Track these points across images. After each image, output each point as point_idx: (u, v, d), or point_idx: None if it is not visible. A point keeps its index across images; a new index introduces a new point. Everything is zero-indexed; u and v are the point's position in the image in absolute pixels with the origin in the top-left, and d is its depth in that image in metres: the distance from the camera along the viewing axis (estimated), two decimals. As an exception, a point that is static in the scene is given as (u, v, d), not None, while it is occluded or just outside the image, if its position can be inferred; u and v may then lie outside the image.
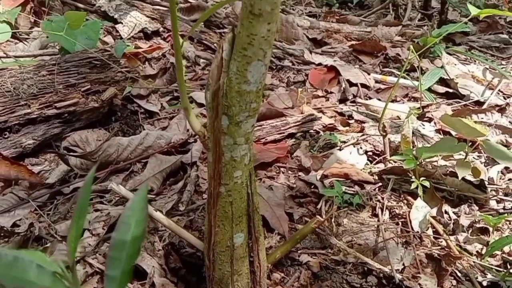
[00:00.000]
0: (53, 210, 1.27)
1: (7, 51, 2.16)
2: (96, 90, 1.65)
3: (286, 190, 1.26)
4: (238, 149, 0.82)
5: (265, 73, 0.76)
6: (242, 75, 0.73)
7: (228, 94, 0.76)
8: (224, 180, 0.85)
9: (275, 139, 1.57)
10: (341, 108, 1.85)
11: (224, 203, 0.87)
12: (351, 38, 2.89)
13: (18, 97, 1.49)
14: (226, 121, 0.78)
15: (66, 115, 1.57)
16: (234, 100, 0.76)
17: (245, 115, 0.78)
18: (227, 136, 0.80)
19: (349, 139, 1.47)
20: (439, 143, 1.17)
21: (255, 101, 0.77)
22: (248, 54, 0.71)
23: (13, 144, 1.48)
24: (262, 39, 0.70)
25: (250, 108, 0.77)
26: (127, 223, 0.53)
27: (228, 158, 0.83)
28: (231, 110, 0.77)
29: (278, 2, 0.68)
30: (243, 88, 0.75)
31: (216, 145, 0.82)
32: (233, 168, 0.84)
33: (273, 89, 2.12)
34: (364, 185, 1.27)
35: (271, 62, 2.39)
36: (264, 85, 0.79)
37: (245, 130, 0.80)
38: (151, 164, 1.41)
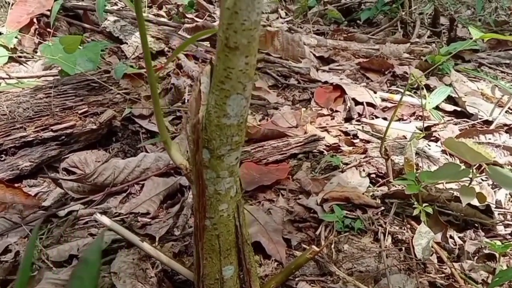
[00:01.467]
0: (46, 234, 1.24)
1: (10, 72, 2.17)
2: (94, 113, 1.63)
3: (285, 214, 1.22)
4: (222, 182, 0.78)
5: (246, 106, 0.72)
6: (221, 108, 0.70)
7: (208, 127, 0.72)
8: (209, 213, 0.81)
9: (276, 160, 1.54)
10: (346, 127, 1.81)
11: (210, 236, 0.83)
12: (358, 56, 2.86)
13: (14, 120, 1.48)
14: (207, 154, 0.75)
15: (64, 137, 1.55)
16: (214, 134, 0.73)
17: (227, 149, 0.74)
18: (209, 170, 0.77)
19: (351, 161, 1.42)
20: (443, 169, 1.13)
21: (237, 134, 0.74)
22: (226, 88, 0.68)
23: (9, 167, 1.47)
24: (240, 73, 0.67)
25: (232, 142, 0.74)
26: (80, 277, 0.50)
27: (212, 192, 0.79)
28: (211, 144, 0.74)
29: (255, 35, 0.65)
30: (223, 122, 0.71)
31: (199, 178, 0.79)
32: (217, 202, 0.80)
33: (278, 107, 2.08)
34: (366, 209, 1.22)
35: (276, 80, 2.37)
36: (246, 118, 0.75)
37: (228, 163, 0.77)
38: (147, 187, 1.38)
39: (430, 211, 1.11)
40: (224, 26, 0.63)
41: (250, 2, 0.61)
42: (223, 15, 0.63)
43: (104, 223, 0.95)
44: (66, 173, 1.60)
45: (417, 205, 1.12)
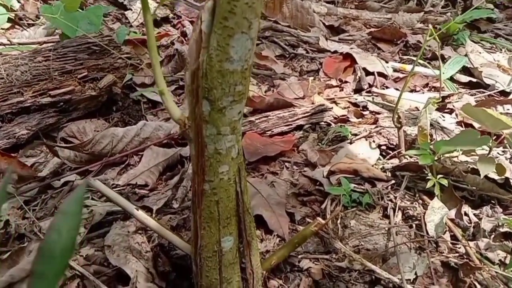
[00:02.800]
0: (40, 205, 1.20)
1: (11, 38, 2.10)
2: (93, 78, 1.56)
3: (289, 187, 1.16)
4: (223, 140, 0.71)
5: (252, 49, 0.64)
6: (223, 51, 0.62)
7: (209, 74, 0.64)
8: (208, 176, 0.74)
9: (282, 132, 1.47)
10: (356, 98, 1.73)
11: (209, 202, 0.77)
12: (370, 25, 2.75)
13: (11, 84, 1.42)
14: (207, 106, 0.67)
15: (62, 104, 1.49)
16: (216, 82, 0.65)
17: (229, 100, 0.67)
18: (210, 125, 0.69)
19: (361, 132, 1.35)
20: (460, 136, 1.05)
21: (241, 83, 0.66)
22: (230, 25, 0.60)
23: (6, 135, 1.41)
24: (245, 6, 0.59)
25: (234, 92, 0.66)
26: (58, 230, 0.44)
27: (211, 151, 0.72)
28: (212, 94, 0.66)
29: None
30: (226, 67, 0.63)
31: (198, 135, 0.71)
32: (218, 163, 0.73)
33: (285, 78, 2.00)
34: (375, 183, 1.15)
35: (283, 50, 2.28)
36: (251, 64, 0.67)
37: (230, 118, 0.69)
38: (146, 157, 1.32)
39: (445, 184, 1.04)
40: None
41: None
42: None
43: (97, 188, 0.89)
44: (64, 142, 1.54)
45: (431, 177, 1.05)
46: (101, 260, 0.97)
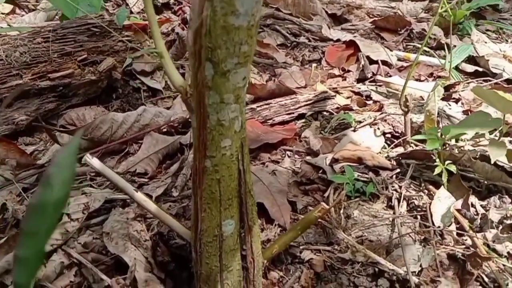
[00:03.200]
0: (38, 192, 1.17)
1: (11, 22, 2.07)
2: (93, 61, 1.53)
3: (291, 175, 1.13)
4: (226, 109, 0.67)
5: (259, 2, 0.60)
6: (229, 3, 0.58)
7: (212, 32, 0.60)
8: (210, 151, 0.70)
9: (283, 120, 1.44)
10: (359, 87, 1.70)
11: (210, 181, 0.73)
12: (373, 15, 2.71)
13: (10, 66, 1.39)
14: (210, 70, 0.63)
15: (61, 88, 1.46)
16: (220, 40, 0.60)
17: (234, 62, 0.62)
18: (212, 92, 0.65)
19: (365, 119, 1.32)
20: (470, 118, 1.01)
21: (247, 42, 0.61)
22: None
23: (5, 120, 1.39)
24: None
25: (239, 53, 0.62)
26: (50, 184, 0.41)
27: (214, 122, 0.68)
28: (215, 54, 0.61)
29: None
30: (231, 21, 0.59)
31: (200, 104, 0.67)
32: (220, 136, 0.69)
33: (286, 67, 1.97)
34: (379, 172, 1.13)
35: (285, 38, 2.25)
36: (258, 21, 0.63)
37: (234, 83, 0.65)
38: (146, 144, 1.30)
39: (453, 170, 1.01)
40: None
41: None
42: None
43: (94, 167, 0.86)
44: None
45: (438, 163, 1.02)
46: (99, 248, 0.95)
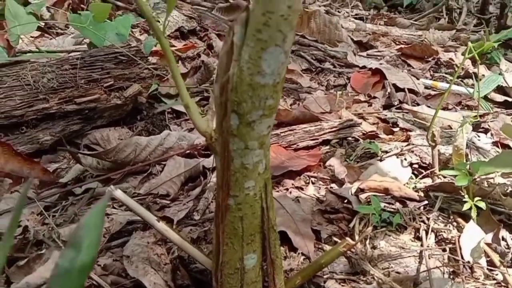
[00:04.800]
0: (60, 212, 1.17)
1: (40, 46, 2.12)
2: (119, 87, 1.55)
3: (315, 203, 1.11)
4: (250, 154, 0.68)
5: (285, 62, 0.61)
6: (255, 64, 0.59)
7: (239, 87, 0.61)
8: (234, 191, 0.71)
9: (307, 146, 1.42)
10: (385, 114, 1.68)
11: (233, 218, 0.73)
12: (399, 42, 2.71)
13: (38, 91, 1.41)
14: (236, 120, 0.64)
15: (87, 112, 1.48)
16: (246, 95, 0.62)
17: (259, 114, 0.64)
18: (237, 139, 0.66)
19: (392, 149, 1.30)
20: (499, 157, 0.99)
21: (272, 97, 0.63)
22: (263, 38, 0.57)
23: (30, 140, 1.41)
24: (281, 19, 0.56)
25: (265, 106, 0.63)
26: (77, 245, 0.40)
27: (238, 165, 0.69)
28: (241, 108, 0.63)
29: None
30: (257, 80, 0.60)
31: (225, 149, 0.68)
32: (244, 177, 0.70)
33: (311, 92, 1.97)
34: (406, 203, 1.10)
35: (310, 64, 2.25)
36: (284, 78, 0.64)
37: (258, 132, 0.66)
38: (169, 167, 1.29)
39: (483, 206, 0.98)
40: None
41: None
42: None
43: (118, 198, 0.86)
44: (87, 150, 1.53)
45: (467, 199, 0.99)
46: (119, 271, 0.94)
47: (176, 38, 2.43)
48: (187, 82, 1.93)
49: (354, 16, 3.19)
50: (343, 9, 3.30)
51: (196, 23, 2.51)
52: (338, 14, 3.15)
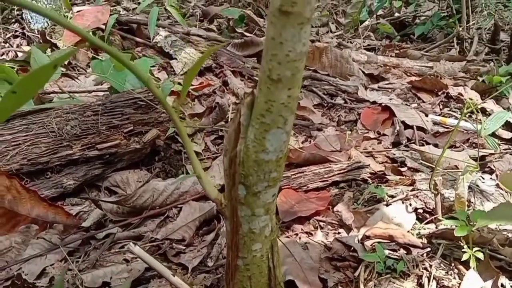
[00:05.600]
0: (83, 257, 1.25)
1: (62, 86, 2.23)
2: (139, 132, 1.64)
3: (323, 250, 1.16)
4: (256, 220, 0.75)
5: (287, 141, 0.69)
6: (260, 143, 0.67)
7: (245, 162, 0.69)
8: (242, 253, 0.78)
9: (317, 187, 1.48)
10: (394, 153, 1.73)
11: (242, 277, 0.80)
12: (410, 73, 2.76)
13: (62, 138, 1.51)
14: (243, 190, 0.72)
15: (108, 156, 1.57)
16: (252, 170, 0.69)
17: (264, 185, 0.71)
18: (245, 207, 0.74)
19: (397, 193, 1.34)
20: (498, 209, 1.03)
21: (275, 170, 0.71)
22: (267, 122, 0.65)
23: (54, 184, 1.49)
24: (281, 106, 0.64)
25: (269, 178, 0.71)
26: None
27: (246, 230, 0.76)
28: (248, 180, 0.70)
29: (300, 66, 0.62)
30: (261, 157, 0.68)
31: (234, 215, 0.76)
32: (251, 241, 0.77)
33: (322, 128, 2.03)
34: (410, 249, 1.14)
35: (321, 99, 2.31)
36: (286, 153, 0.72)
37: (264, 200, 0.73)
38: (184, 212, 1.36)
39: (481, 257, 1.02)
40: (267, 57, 0.60)
41: (297, 33, 0.58)
42: (267, 45, 0.60)
43: (136, 254, 0.94)
44: (108, 192, 1.61)
45: (466, 249, 1.04)
46: (138, 319, 1.01)
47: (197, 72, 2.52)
48: (202, 122, 2.01)
49: (366, 46, 3.26)
50: (356, 40, 3.37)
51: (211, 60, 2.60)
52: (350, 45, 3.22)
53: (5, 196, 1.33)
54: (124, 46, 2.94)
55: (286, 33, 0.58)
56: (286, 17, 0.57)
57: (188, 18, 3.89)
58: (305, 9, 0.57)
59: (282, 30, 0.58)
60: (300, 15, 0.57)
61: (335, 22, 4.04)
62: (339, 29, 3.87)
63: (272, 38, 0.59)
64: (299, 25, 0.58)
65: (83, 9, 2.93)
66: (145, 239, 1.32)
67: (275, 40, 0.59)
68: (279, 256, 0.82)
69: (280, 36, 0.58)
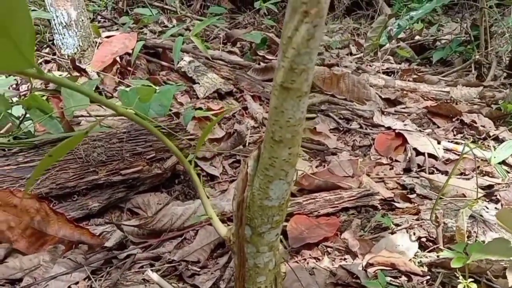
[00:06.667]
0: (105, 277, 1.35)
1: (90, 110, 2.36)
2: (160, 158, 1.74)
3: (328, 276, 1.23)
4: (261, 257, 0.84)
5: (288, 189, 0.78)
6: (264, 192, 0.76)
7: (251, 207, 0.78)
8: (248, 284, 0.86)
9: (328, 213, 1.55)
10: (404, 180, 1.78)
11: (248, 306, 0.88)
12: (427, 98, 2.81)
13: (88, 164, 1.62)
14: (249, 231, 0.81)
15: (131, 181, 1.67)
16: (257, 214, 0.78)
17: (268, 227, 0.80)
18: (250, 245, 0.82)
19: (402, 222, 1.40)
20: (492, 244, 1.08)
21: (278, 214, 0.80)
22: (270, 174, 0.74)
23: (80, 206, 1.60)
24: (283, 162, 0.73)
25: (272, 221, 0.80)
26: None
27: (251, 265, 0.84)
28: (253, 222, 0.79)
29: (299, 130, 0.70)
30: (265, 203, 0.77)
31: (241, 250, 0.84)
32: (256, 274, 0.85)
33: (337, 153, 2.10)
34: (411, 277, 1.20)
35: (338, 124, 2.38)
36: (288, 199, 0.80)
37: (268, 240, 0.82)
38: (200, 236, 1.45)
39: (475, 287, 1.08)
40: (271, 121, 0.69)
41: (296, 103, 0.67)
42: (270, 112, 0.69)
43: (153, 280, 1.03)
44: (130, 213, 1.71)
45: (461, 280, 1.09)
46: None
47: (214, 99, 2.63)
48: (221, 146, 2.11)
49: (385, 70, 3.32)
50: (375, 63, 3.44)
51: (232, 85, 2.71)
52: (369, 69, 3.29)
53: (35, 217, 1.45)
54: (149, 69, 3.08)
55: (287, 104, 0.67)
56: (287, 91, 0.66)
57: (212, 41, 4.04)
58: (302, 85, 0.65)
59: (284, 101, 0.67)
60: (298, 90, 0.66)
61: (356, 44, 4.12)
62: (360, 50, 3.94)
63: (275, 107, 0.68)
64: (298, 97, 0.67)
65: (112, 36, 3.09)
66: (162, 260, 1.41)
67: (278, 109, 0.68)
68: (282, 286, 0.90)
69: (281, 106, 0.67)
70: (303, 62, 0.62)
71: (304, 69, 0.63)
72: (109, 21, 3.98)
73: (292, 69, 0.63)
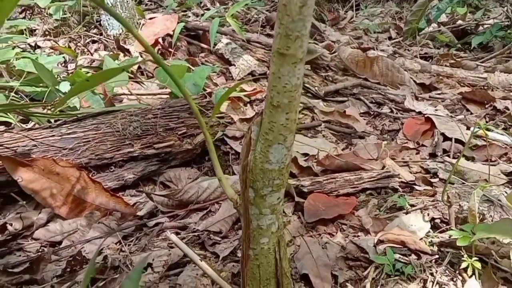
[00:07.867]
0: (134, 242, 1.46)
1: (131, 89, 2.49)
2: (191, 134, 1.84)
3: (339, 250, 1.29)
4: (264, 218, 0.91)
5: (287, 154, 0.84)
6: (264, 155, 0.83)
7: (254, 170, 0.85)
8: (252, 244, 0.94)
9: (347, 193, 1.60)
10: (428, 164, 1.80)
11: (252, 265, 0.96)
12: (463, 84, 2.77)
13: (125, 137, 1.73)
14: (252, 193, 0.88)
15: (163, 155, 1.78)
16: (258, 176, 0.85)
17: (269, 190, 0.87)
18: (254, 207, 0.89)
19: (418, 203, 1.44)
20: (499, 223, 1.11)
21: (278, 178, 0.86)
22: (270, 138, 0.81)
23: (116, 177, 1.72)
24: (281, 126, 0.79)
25: (273, 184, 0.86)
26: None
27: (255, 226, 0.92)
28: (256, 185, 0.86)
29: (296, 95, 0.77)
30: (266, 167, 0.84)
31: (246, 212, 0.92)
32: (259, 235, 0.92)
33: (364, 136, 2.13)
34: (420, 255, 1.25)
35: (368, 107, 2.40)
36: (288, 164, 0.87)
37: (270, 202, 0.89)
38: (223, 208, 1.54)
39: (478, 267, 1.11)
40: (270, 87, 0.76)
41: (291, 69, 0.73)
42: (270, 78, 0.75)
43: (172, 241, 1.13)
44: (162, 186, 1.83)
45: (466, 258, 1.13)
46: (172, 296, 1.19)
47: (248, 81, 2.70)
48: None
49: (423, 55, 3.28)
50: (413, 48, 3.40)
51: (266, 67, 2.77)
52: (406, 53, 3.26)
53: (75, 185, 1.58)
54: (190, 51, 3.18)
55: (283, 69, 0.73)
56: (283, 57, 0.72)
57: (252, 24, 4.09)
58: (297, 51, 0.72)
59: (280, 67, 0.73)
60: (293, 56, 0.72)
61: (396, 28, 4.07)
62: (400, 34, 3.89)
63: (273, 73, 0.75)
64: (293, 63, 0.73)
65: (155, 17, 3.21)
66: (188, 230, 1.51)
67: (275, 75, 0.74)
68: (286, 250, 0.97)
69: (278, 71, 0.74)
70: (297, 29, 0.68)
71: (298, 36, 0.69)
72: (155, 3, 4.10)
73: (287, 36, 0.69)
